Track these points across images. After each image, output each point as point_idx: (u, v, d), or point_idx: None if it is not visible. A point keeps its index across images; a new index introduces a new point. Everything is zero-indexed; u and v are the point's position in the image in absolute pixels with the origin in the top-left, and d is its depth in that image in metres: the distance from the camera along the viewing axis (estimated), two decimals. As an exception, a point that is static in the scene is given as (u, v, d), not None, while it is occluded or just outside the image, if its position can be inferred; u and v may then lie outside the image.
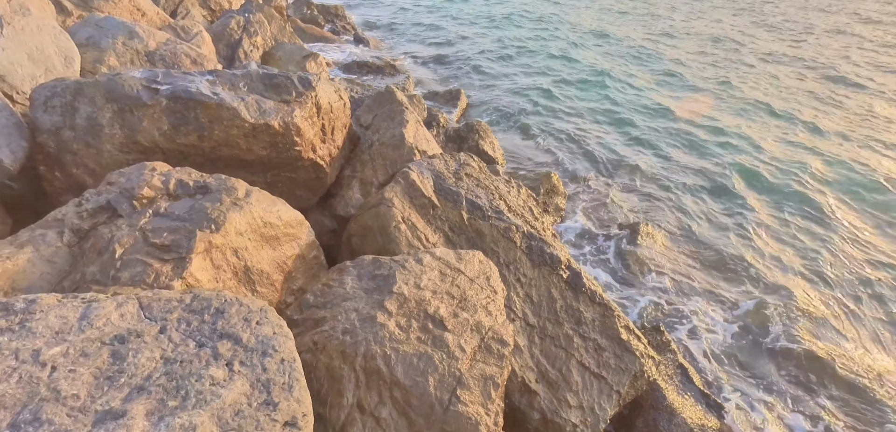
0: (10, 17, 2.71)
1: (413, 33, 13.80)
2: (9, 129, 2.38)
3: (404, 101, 4.72)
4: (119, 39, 3.75)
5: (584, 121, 8.65)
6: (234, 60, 6.68)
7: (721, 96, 10.17)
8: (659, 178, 6.87)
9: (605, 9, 20.05)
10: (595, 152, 7.64)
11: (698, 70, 11.88)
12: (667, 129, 8.38)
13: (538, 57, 12.29)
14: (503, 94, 9.65)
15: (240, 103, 2.75)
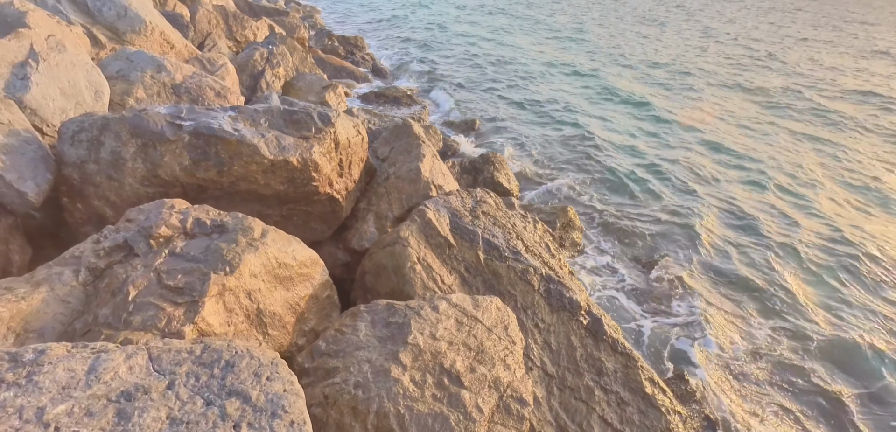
0: (47, 54, 2.80)
1: (431, 62, 14.08)
2: (35, 162, 2.43)
3: (421, 135, 4.73)
4: (147, 73, 3.87)
5: (601, 150, 8.58)
6: (257, 90, 6.85)
7: (744, 124, 10.01)
8: (677, 209, 6.70)
9: (627, 29, 20.23)
10: (612, 182, 7.53)
11: (725, 98, 11.76)
12: (685, 159, 8.23)
13: (557, 83, 12.37)
14: (519, 122, 9.67)
15: (260, 140, 2.77)
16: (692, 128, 10.20)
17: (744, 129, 10.12)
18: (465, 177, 6.83)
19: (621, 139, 9.29)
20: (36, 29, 2.82)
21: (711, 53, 18.82)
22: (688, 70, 15.84)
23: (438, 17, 24.36)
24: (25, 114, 2.68)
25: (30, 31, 2.77)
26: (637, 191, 7.37)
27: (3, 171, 2.25)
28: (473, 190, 3.87)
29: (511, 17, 25.60)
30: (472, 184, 6.84)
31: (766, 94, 12.94)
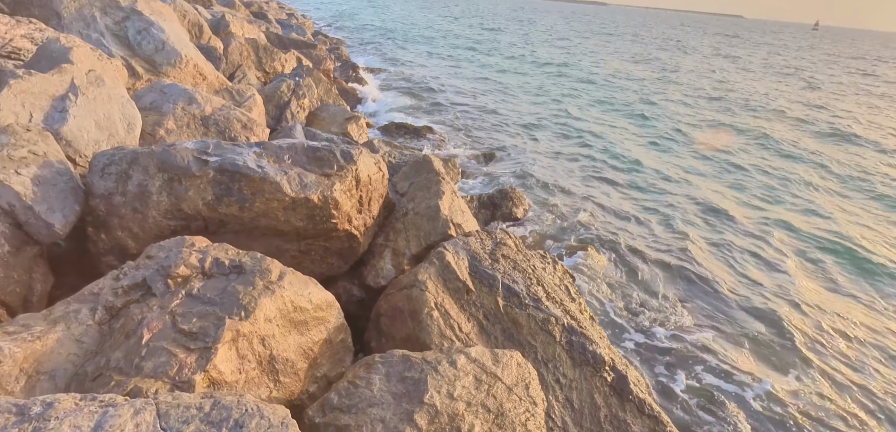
0: (86, 88, 2.90)
1: (452, 94, 14.30)
2: (65, 194, 2.47)
3: (441, 171, 4.71)
4: (179, 105, 3.99)
5: (624, 189, 8.41)
6: (282, 120, 7.03)
7: (770, 171, 9.71)
8: (701, 258, 6.45)
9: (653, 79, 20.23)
10: (635, 217, 7.34)
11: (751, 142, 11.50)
12: (706, 202, 7.99)
13: (581, 117, 12.33)
14: (538, 155, 9.62)
15: (282, 177, 2.78)
16: (725, 158, 9.96)
17: (783, 185, 9.83)
18: (483, 211, 6.77)
19: (647, 170, 9.12)
20: (78, 64, 2.94)
21: (734, 81, 18.59)
22: (719, 96, 15.64)
23: (461, 54, 24.94)
24: (61, 145, 2.76)
25: (72, 66, 2.89)
26: (658, 228, 7.15)
27: (34, 203, 2.30)
28: (493, 230, 3.79)
29: (534, 56, 26.03)
30: (491, 219, 6.77)
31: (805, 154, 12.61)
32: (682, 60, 29.42)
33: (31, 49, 3.59)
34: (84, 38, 4.75)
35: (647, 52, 32.31)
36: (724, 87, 20.26)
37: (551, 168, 9.16)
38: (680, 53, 33.83)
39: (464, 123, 11.64)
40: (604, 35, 47.08)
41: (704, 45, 46.25)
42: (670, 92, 18.12)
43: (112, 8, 5.01)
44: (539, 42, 33.92)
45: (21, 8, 5.09)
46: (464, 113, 12.62)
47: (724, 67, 27.72)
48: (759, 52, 42.67)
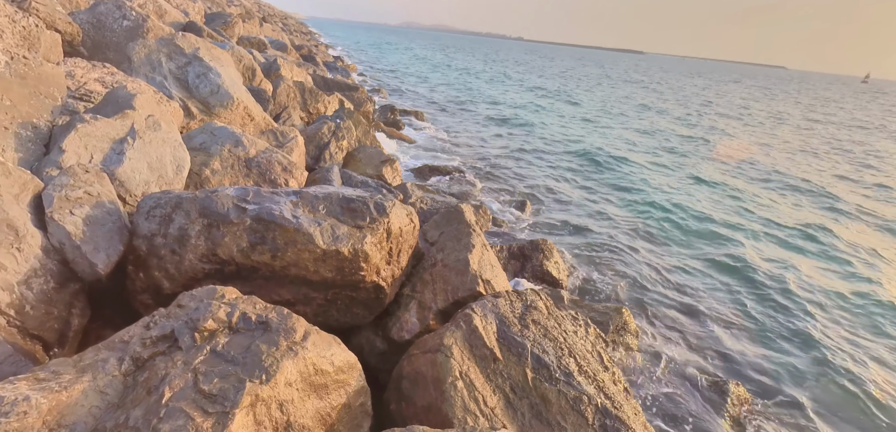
0: (143, 132, 3.08)
1: (486, 141, 14.45)
2: (111, 233, 2.58)
3: (472, 222, 4.65)
4: (226, 147, 4.19)
5: (659, 246, 8.02)
6: (321, 159, 7.28)
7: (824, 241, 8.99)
8: (743, 325, 5.93)
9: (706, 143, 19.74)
10: (671, 281, 6.92)
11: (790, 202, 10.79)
12: (745, 261, 7.43)
13: (615, 168, 12.07)
14: (572, 207, 9.41)
15: (315, 228, 2.80)
16: (787, 225, 9.36)
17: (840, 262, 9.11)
18: (513, 262, 6.60)
19: (691, 226, 8.67)
20: (139, 110, 3.14)
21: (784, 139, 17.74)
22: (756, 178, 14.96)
23: (498, 100, 25.40)
24: (115, 185, 2.91)
25: (134, 112, 3.09)
26: (704, 293, 6.69)
27: (81, 242, 2.40)
28: (524, 290, 3.64)
29: (575, 102, 26.15)
30: (520, 271, 6.58)
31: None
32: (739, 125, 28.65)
33: (102, 92, 3.91)
34: (149, 80, 5.16)
35: (690, 111, 31.71)
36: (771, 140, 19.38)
37: (587, 221, 8.91)
38: (730, 115, 32.98)
39: (498, 169, 11.66)
40: (641, 86, 46.81)
41: (741, 96, 44.96)
42: (714, 149, 17.53)
43: (176, 54, 5.45)
44: (579, 90, 34.12)
45: (99, 52, 5.63)
46: (498, 159, 12.67)
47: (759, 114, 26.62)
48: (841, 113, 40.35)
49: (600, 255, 7.51)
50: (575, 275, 6.97)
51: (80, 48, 5.35)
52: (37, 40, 4.12)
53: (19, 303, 2.09)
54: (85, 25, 5.57)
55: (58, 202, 2.41)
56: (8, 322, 2.03)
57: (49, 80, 3.07)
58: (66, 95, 3.35)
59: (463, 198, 8.67)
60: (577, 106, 25.23)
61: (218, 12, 14.21)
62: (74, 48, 5.25)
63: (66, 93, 3.33)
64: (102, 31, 5.73)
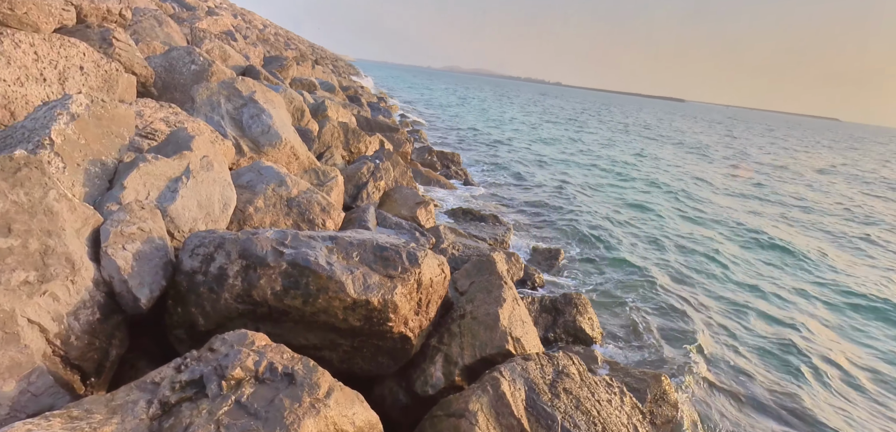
0: (197, 172, 3.26)
1: (522, 186, 14.39)
2: (157, 269, 2.69)
3: (504, 274, 4.53)
4: (270, 186, 4.38)
5: (705, 308, 7.45)
6: (359, 198, 7.47)
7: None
8: (802, 410, 5.27)
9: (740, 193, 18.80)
10: (718, 348, 6.35)
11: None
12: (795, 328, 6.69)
13: (660, 223, 11.57)
14: (606, 261, 9.02)
15: (348, 276, 2.80)
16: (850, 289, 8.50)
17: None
18: (545, 315, 6.34)
19: (739, 291, 8.03)
20: (196, 151, 3.34)
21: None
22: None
23: (538, 146, 25.46)
24: (166, 221, 3.07)
25: (191, 153, 3.29)
26: (756, 366, 6.09)
27: (129, 277, 2.52)
28: (556, 355, 3.45)
29: (618, 155, 25.76)
30: (552, 326, 6.29)
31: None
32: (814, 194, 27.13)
33: (165, 131, 4.23)
34: (207, 119, 5.55)
35: (744, 162, 30.33)
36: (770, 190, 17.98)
37: (625, 275, 8.49)
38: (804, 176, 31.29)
39: (532, 215, 11.49)
40: (688, 137, 45.43)
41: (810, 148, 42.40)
42: (773, 209, 16.51)
43: (234, 96, 5.87)
44: (623, 140, 33.61)
45: (167, 92, 6.17)
46: (533, 204, 12.53)
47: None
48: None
49: (639, 313, 7.08)
50: (610, 332, 6.59)
51: (151, 89, 5.88)
52: (116, 82, 4.57)
53: (66, 333, 2.19)
54: (158, 69, 6.14)
55: (113, 237, 2.55)
56: (53, 351, 2.13)
57: (120, 120, 3.35)
58: (134, 133, 3.64)
59: (495, 243, 8.55)
60: (616, 152, 24.78)
61: (275, 55, 15.38)
62: (147, 89, 5.78)
63: (134, 132, 3.61)
64: (173, 73, 6.30)
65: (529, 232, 10.40)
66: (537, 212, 11.96)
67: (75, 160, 2.91)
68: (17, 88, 3.54)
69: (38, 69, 3.72)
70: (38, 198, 2.20)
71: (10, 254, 2.02)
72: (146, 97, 5.85)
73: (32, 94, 3.66)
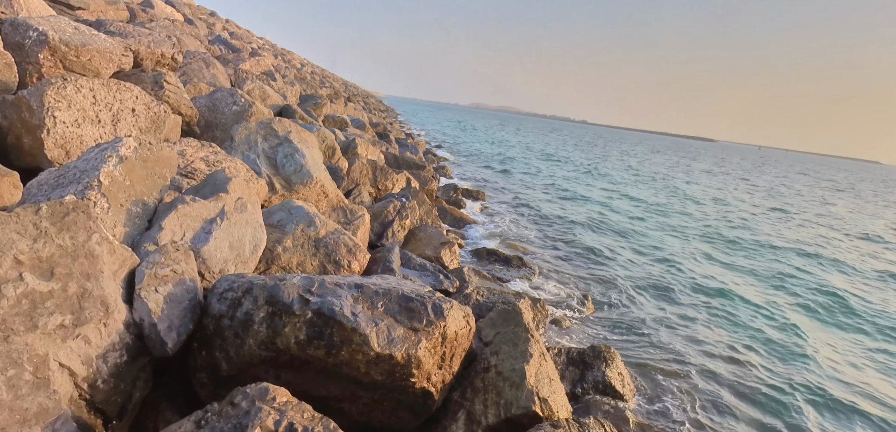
0: (231, 214, 3.34)
1: (548, 225, 14.15)
2: (185, 312, 2.71)
3: (530, 325, 4.35)
4: (299, 227, 4.44)
5: (744, 368, 6.89)
6: (384, 237, 7.51)
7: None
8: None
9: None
10: (760, 413, 5.80)
11: None
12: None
13: (696, 265, 11.01)
14: (638, 305, 8.59)
15: (372, 329, 2.74)
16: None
17: None
18: (571, 369, 6.02)
19: (786, 355, 7.42)
20: (231, 193, 3.44)
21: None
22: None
23: (565, 184, 25.26)
24: (198, 262, 3.13)
25: (227, 195, 3.38)
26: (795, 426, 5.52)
27: (158, 320, 2.54)
28: (586, 422, 3.23)
29: (645, 192, 25.20)
30: (580, 380, 5.96)
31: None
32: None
33: (205, 170, 4.40)
34: (244, 157, 5.77)
35: (789, 210, 28.99)
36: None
37: (657, 328, 8.04)
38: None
39: (559, 257, 11.22)
40: (723, 176, 43.95)
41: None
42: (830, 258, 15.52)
43: (271, 136, 6.10)
44: (649, 179, 32.91)
45: (209, 130, 6.49)
46: (560, 245, 12.25)
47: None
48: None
49: (671, 368, 6.63)
50: (642, 389, 6.17)
51: (194, 127, 6.20)
52: (163, 123, 4.84)
53: (94, 377, 2.20)
54: (202, 108, 6.49)
55: (147, 279, 2.60)
56: (79, 395, 2.14)
57: (164, 161, 3.50)
58: (175, 173, 3.79)
59: (521, 287, 8.34)
60: (647, 195, 24.16)
61: (311, 94, 16.11)
62: (191, 127, 6.09)
63: (176, 171, 3.76)
64: (215, 113, 6.65)
65: (555, 274, 10.11)
66: (564, 253, 11.67)
67: (119, 200, 3.03)
68: (74, 129, 3.78)
69: (94, 112, 3.97)
70: (81, 241, 2.27)
71: (50, 298, 2.07)
72: (190, 136, 6.16)
73: (87, 134, 3.90)
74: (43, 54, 4.05)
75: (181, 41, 10.65)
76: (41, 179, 3.16)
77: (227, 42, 17.03)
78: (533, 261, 10.43)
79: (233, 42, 17.75)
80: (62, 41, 4.23)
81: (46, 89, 3.64)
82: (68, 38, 4.35)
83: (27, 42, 4.03)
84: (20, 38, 4.07)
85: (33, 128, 3.58)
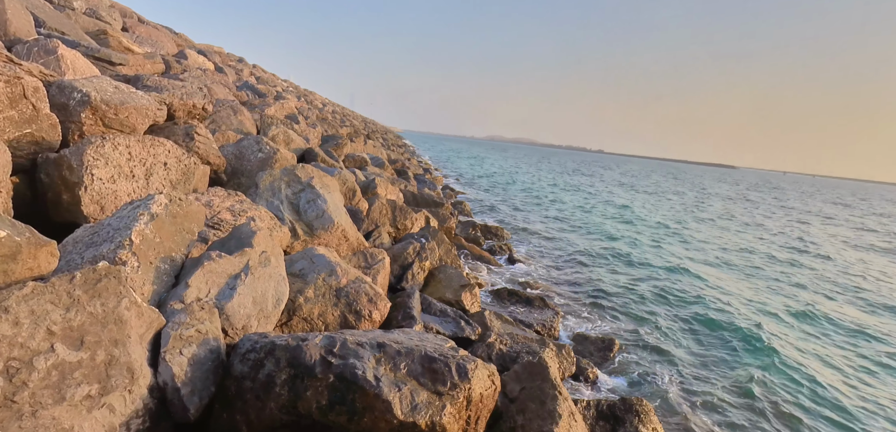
0: (256, 269, 3.34)
1: (572, 263, 13.84)
2: (208, 373, 2.68)
3: (557, 382, 4.15)
4: (321, 276, 4.43)
5: (786, 423, 6.37)
6: (404, 279, 7.44)
7: None
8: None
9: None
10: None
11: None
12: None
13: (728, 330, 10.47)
14: (670, 352, 8.15)
15: (395, 395, 2.64)
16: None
17: None
18: (602, 424, 5.69)
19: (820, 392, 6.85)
20: (256, 247, 3.46)
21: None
22: None
23: (585, 219, 24.92)
24: (221, 319, 3.12)
25: (252, 250, 3.40)
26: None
27: (182, 384, 2.51)
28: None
29: (671, 226, 24.58)
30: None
31: None
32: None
33: (230, 221, 4.48)
34: (268, 204, 5.88)
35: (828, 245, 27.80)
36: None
37: (691, 373, 7.60)
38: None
39: (582, 298, 10.89)
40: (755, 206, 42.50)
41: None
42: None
43: (294, 182, 6.23)
44: (674, 212, 32.16)
45: (235, 178, 6.67)
46: (583, 285, 11.92)
47: None
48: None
49: (707, 421, 6.19)
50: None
51: (221, 175, 6.38)
52: (192, 174, 4.99)
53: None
54: (229, 157, 6.71)
55: (172, 341, 2.60)
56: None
57: (193, 216, 3.56)
58: (203, 226, 3.85)
59: (544, 331, 8.07)
60: (674, 231, 23.52)
61: (332, 134, 16.57)
62: (218, 175, 6.28)
63: (203, 225, 3.82)
64: (242, 160, 6.85)
65: (580, 316, 9.78)
66: (588, 293, 11.33)
67: (149, 258, 3.07)
68: (109, 186, 3.92)
69: (129, 167, 4.13)
70: (111, 307, 2.29)
71: (78, 368, 2.07)
72: (217, 183, 6.35)
73: (121, 189, 4.03)
74: (85, 114, 4.27)
75: (211, 90, 11.20)
76: (76, 237, 3.25)
77: (254, 87, 17.84)
78: (555, 301, 10.15)
79: (259, 87, 18.59)
80: (103, 101, 4.47)
81: (86, 148, 3.81)
82: (109, 98, 4.59)
83: (71, 103, 4.27)
84: (65, 100, 4.31)
85: (72, 185, 3.73)
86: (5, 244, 1.96)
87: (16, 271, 2.02)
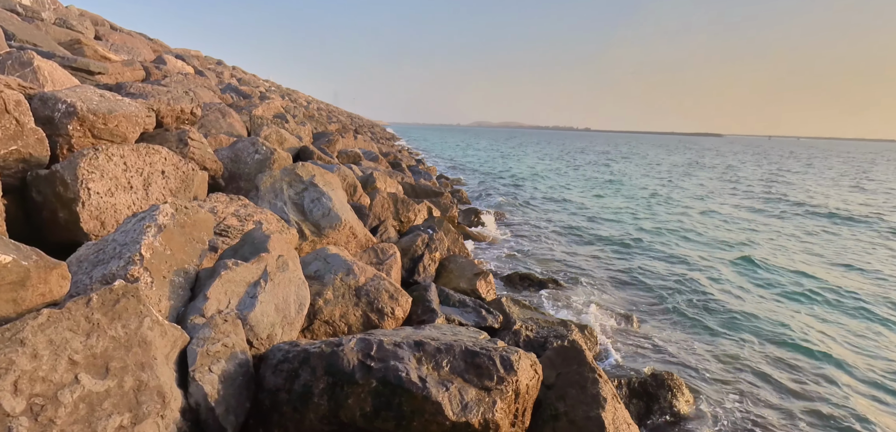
0: (274, 274, 3.13)
1: (579, 240, 13.78)
2: (240, 390, 2.48)
3: (595, 365, 4.02)
4: (338, 276, 4.23)
5: (814, 397, 6.38)
6: (415, 272, 7.25)
7: None
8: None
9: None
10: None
11: None
12: None
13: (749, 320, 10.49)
14: (689, 326, 8.13)
15: (444, 394, 2.47)
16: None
17: None
18: (636, 401, 5.62)
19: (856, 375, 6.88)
20: (272, 252, 3.24)
21: None
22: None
23: (585, 198, 24.92)
24: (245, 330, 2.91)
25: (268, 255, 3.18)
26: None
27: (215, 404, 2.31)
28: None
29: (680, 209, 24.66)
30: (647, 412, 5.55)
31: None
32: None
33: (238, 227, 4.24)
34: (271, 206, 5.63)
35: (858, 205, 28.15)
36: None
37: (709, 341, 7.58)
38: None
39: (594, 275, 10.82)
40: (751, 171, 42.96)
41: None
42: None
43: (296, 182, 5.97)
44: (671, 179, 32.33)
45: (233, 181, 6.39)
46: (592, 262, 11.86)
47: None
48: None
49: (738, 387, 6.16)
50: (715, 418, 5.72)
51: (219, 180, 6.09)
52: (192, 181, 4.72)
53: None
54: (225, 160, 6.41)
55: (200, 358, 2.39)
56: (141, 507, 1.89)
57: (201, 225, 3.32)
58: (212, 235, 3.61)
59: (564, 314, 7.97)
60: (671, 191, 23.63)
61: (322, 132, 16.20)
62: (215, 181, 5.99)
63: (212, 234, 3.58)
64: (238, 163, 6.56)
65: (592, 293, 9.71)
66: (598, 269, 11.27)
67: (162, 272, 2.84)
68: (107, 199, 3.65)
69: (126, 178, 3.85)
70: (133, 329, 2.07)
71: (107, 398, 1.86)
72: (215, 190, 6.06)
73: (120, 202, 3.76)
74: (72, 125, 3.97)
75: (197, 94, 10.78)
76: (80, 256, 3.00)
77: (237, 89, 17.31)
78: (567, 281, 10.07)
79: (242, 88, 18.05)
80: (90, 111, 4.16)
81: (79, 161, 3.53)
82: (95, 107, 4.29)
83: (57, 116, 3.96)
84: (50, 112, 4.01)
85: (68, 201, 3.46)
86: (12, 270, 1.73)
87: (26, 299, 1.79)
